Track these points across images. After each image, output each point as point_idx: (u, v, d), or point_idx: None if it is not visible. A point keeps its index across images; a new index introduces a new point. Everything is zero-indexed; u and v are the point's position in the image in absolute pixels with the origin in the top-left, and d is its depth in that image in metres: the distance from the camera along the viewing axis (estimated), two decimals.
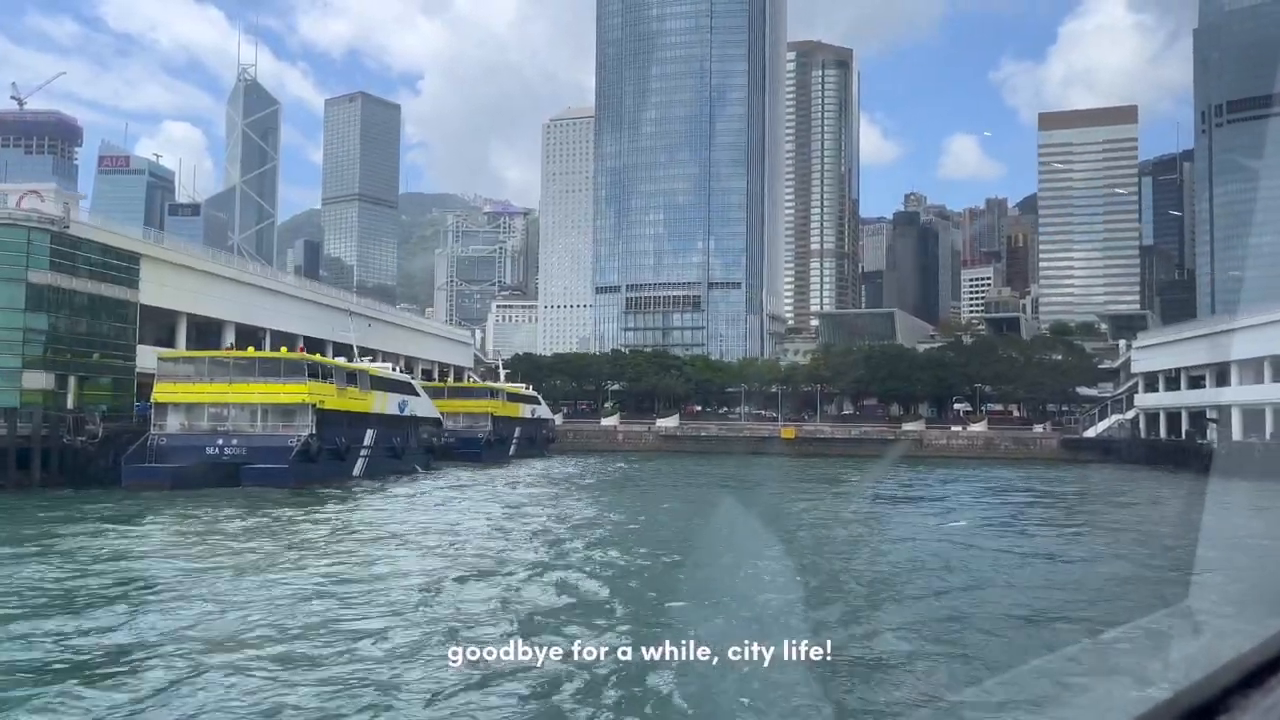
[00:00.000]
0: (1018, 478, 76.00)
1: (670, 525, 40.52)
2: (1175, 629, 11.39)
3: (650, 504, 50.67)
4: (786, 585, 23.54)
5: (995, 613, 21.00)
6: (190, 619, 19.63)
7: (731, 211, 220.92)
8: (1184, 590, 22.91)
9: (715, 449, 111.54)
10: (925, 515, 45.55)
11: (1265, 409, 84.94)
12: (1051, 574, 28.21)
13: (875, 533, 38.96)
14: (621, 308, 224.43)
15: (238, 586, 23.61)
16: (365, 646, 17.35)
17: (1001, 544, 34.52)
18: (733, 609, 19.69)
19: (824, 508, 49.22)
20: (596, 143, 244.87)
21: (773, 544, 30.12)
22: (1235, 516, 48.41)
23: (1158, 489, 70.98)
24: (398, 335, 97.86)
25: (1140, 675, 4.94)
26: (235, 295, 71.50)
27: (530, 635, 17.88)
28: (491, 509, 44.55)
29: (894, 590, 24.58)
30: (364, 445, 61.92)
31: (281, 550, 30.39)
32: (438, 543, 32.89)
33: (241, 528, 35.90)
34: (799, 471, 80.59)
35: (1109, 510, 53.43)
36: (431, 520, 40.05)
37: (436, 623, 19.47)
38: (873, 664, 16.54)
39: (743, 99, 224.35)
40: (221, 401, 54.88)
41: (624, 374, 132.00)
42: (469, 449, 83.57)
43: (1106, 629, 15.12)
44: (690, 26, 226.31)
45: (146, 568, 27.08)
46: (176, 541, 32.94)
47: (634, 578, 25.83)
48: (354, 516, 41.12)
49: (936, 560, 29.18)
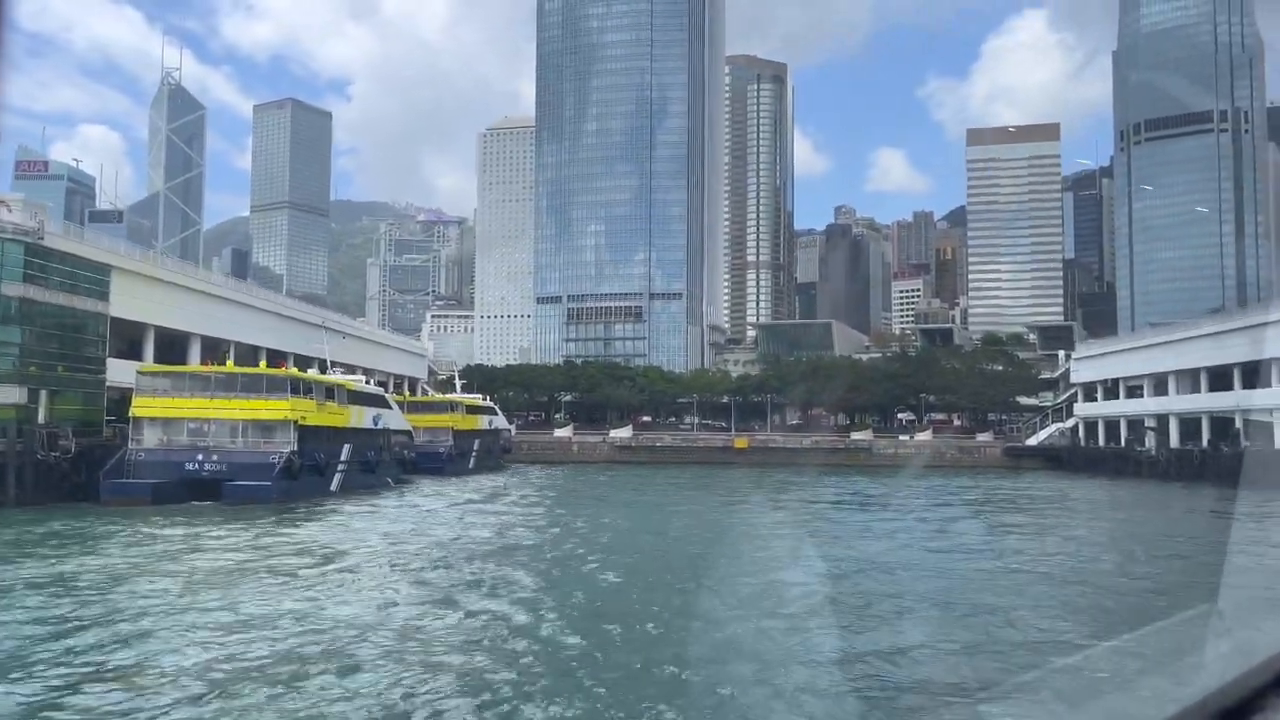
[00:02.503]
0: (975, 485, 78.54)
1: (687, 546, 39.50)
2: (1207, 629, 11.82)
3: (647, 521, 50.88)
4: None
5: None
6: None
7: (672, 223, 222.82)
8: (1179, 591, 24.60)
9: (670, 459, 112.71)
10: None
11: (1202, 417, 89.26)
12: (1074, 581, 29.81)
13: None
14: (563, 318, 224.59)
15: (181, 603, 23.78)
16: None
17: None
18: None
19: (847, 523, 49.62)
20: (537, 152, 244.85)
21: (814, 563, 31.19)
22: (1188, 522, 51.16)
23: (1096, 492, 74.25)
24: (355, 347, 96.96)
25: (1172, 675, 5.03)
26: (202, 307, 70.33)
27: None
28: (473, 528, 43.25)
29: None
30: (341, 460, 61.53)
31: (240, 573, 29.01)
32: (398, 572, 29.91)
33: (219, 544, 35.38)
34: (760, 480, 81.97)
35: (1091, 516, 55.84)
36: (396, 542, 38.11)
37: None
38: (902, 661, 17.54)
39: (683, 111, 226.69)
40: (202, 417, 54.12)
41: (577, 385, 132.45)
42: (432, 462, 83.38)
43: (1138, 628, 15.37)
44: (630, 39, 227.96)
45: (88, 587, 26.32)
46: (135, 564, 30.87)
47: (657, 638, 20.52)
48: (327, 537, 39.71)
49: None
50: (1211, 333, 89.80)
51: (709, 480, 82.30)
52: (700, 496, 65.58)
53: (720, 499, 63.15)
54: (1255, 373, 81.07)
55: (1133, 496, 71.64)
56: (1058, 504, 63.38)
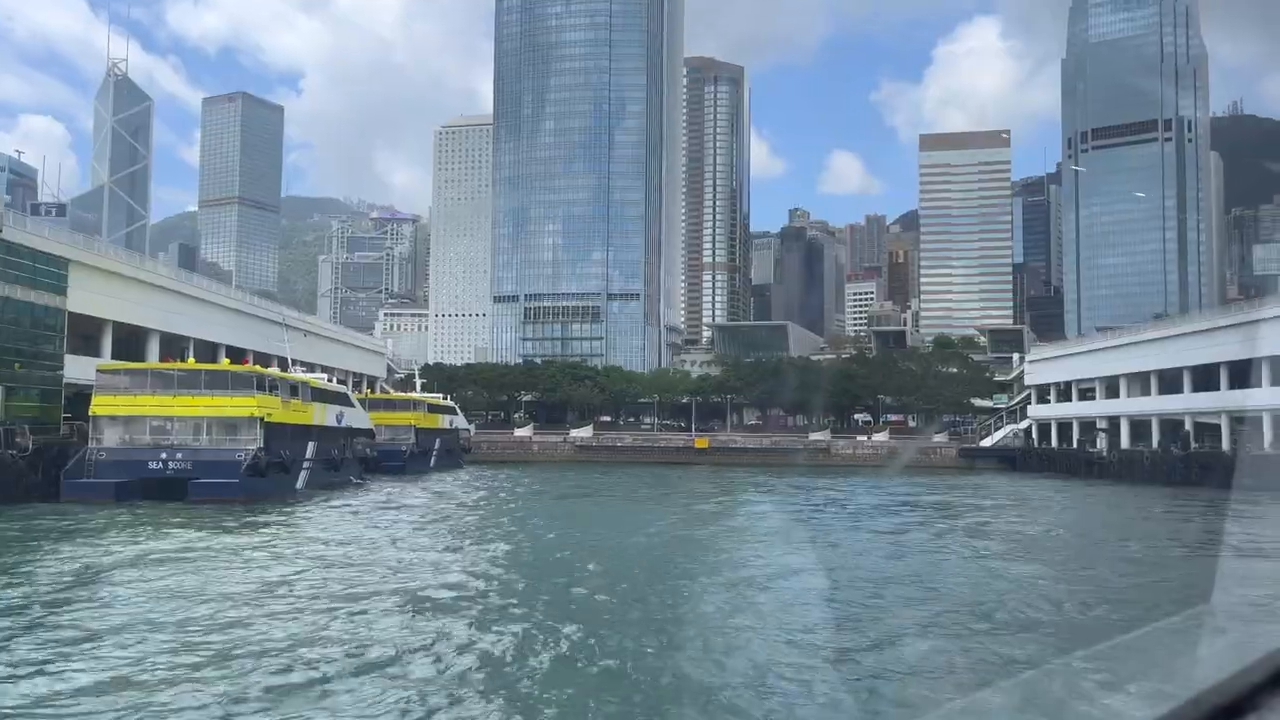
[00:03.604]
0: (941, 486, 79.68)
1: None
2: (1203, 627, 12.08)
3: (624, 530, 50.43)
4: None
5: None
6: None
7: (629, 223, 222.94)
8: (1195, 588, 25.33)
9: (632, 459, 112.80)
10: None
11: (1152, 419, 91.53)
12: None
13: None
14: (520, 317, 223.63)
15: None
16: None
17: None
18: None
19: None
20: (494, 151, 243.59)
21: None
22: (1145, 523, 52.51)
23: (1052, 494, 75.73)
24: (314, 345, 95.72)
25: (1168, 673, 4.70)
26: (162, 303, 69.01)
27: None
28: (441, 534, 41.92)
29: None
30: (306, 458, 60.79)
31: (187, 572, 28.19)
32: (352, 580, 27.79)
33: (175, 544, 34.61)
34: (723, 481, 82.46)
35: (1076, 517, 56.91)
36: (358, 547, 36.46)
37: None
38: (890, 659, 17.75)
39: (641, 112, 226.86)
40: (165, 414, 53.13)
41: (537, 385, 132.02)
42: (393, 461, 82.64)
43: (1133, 628, 15.96)
44: (589, 39, 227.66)
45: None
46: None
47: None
48: (291, 535, 39.22)
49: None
50: (1161, 337, 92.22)
51: (674, 482, 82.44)
52: (673, 501, 65.13)
53: (699, 505, 61.43)
54: (1207, 376, 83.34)
55: (1084, 496, 73.06)
56: (1020, 504, 64.49)
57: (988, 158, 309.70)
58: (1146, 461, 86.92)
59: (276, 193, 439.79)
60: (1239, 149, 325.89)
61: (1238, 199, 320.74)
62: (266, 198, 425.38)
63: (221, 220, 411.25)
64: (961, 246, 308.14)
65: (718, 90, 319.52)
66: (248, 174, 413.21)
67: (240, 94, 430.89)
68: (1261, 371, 74.82)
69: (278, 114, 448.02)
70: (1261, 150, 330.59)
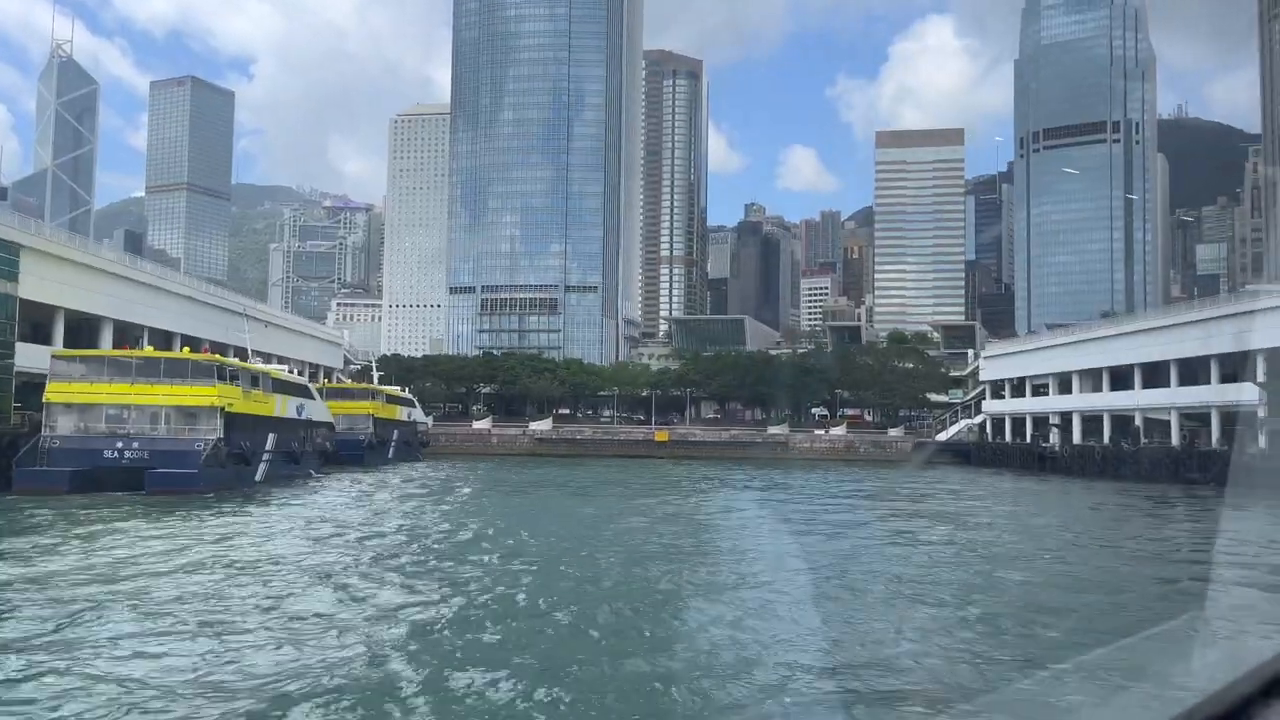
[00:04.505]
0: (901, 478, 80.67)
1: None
2: (1196, 636, 11.46)
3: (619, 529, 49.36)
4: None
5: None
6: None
7: (588, 215, 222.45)
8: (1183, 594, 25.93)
9: (591, 452, 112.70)
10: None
11: (1103, 415, 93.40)
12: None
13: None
14: (477, 309, 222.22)
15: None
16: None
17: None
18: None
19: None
20: (451, 141, 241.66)
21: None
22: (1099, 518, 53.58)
23: (1004, 485, 77.05)
24: (271, 334, 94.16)
25: (1160, 683, 5.08)
26: (116, 290, 67.35)
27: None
28: (406, 522, 41.76)
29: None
30: (266, 450, 59.85)
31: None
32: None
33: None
34: (686, 474, 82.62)
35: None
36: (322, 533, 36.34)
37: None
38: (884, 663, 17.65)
39: (600, 104, 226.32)
40: (122, 403, 51.96)
41: (496, 377, 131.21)
42: (351, 451, 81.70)
43: (1125, 636, 15.39)
44: (548, 29, 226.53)
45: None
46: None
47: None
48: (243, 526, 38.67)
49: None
50: (1113, 335, 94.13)
51: (639, 475, 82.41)
52: (646, 499, 64.80)
53: (679, 509, 58.09)
54: (1156, 372, 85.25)
55: (1036, 490, 74.24)
56: (974, 498, 65.37)
57: (942, 155, 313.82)
58: (1098, 456, 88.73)
59: (227, 179, 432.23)
60: (1183, 151, 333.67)
61: (1182, 200, 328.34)
62: (216, 184, 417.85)
63: (169, 206, 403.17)
64: (916, 243, 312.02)
65: (676, 83, 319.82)
66: (197, 160, 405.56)
67: (189, 78, 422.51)
68: (1211, 370, 76.72)
69: (228, 99, 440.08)
70: (1205, 153, 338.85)
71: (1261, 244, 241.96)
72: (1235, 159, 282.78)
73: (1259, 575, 26.42)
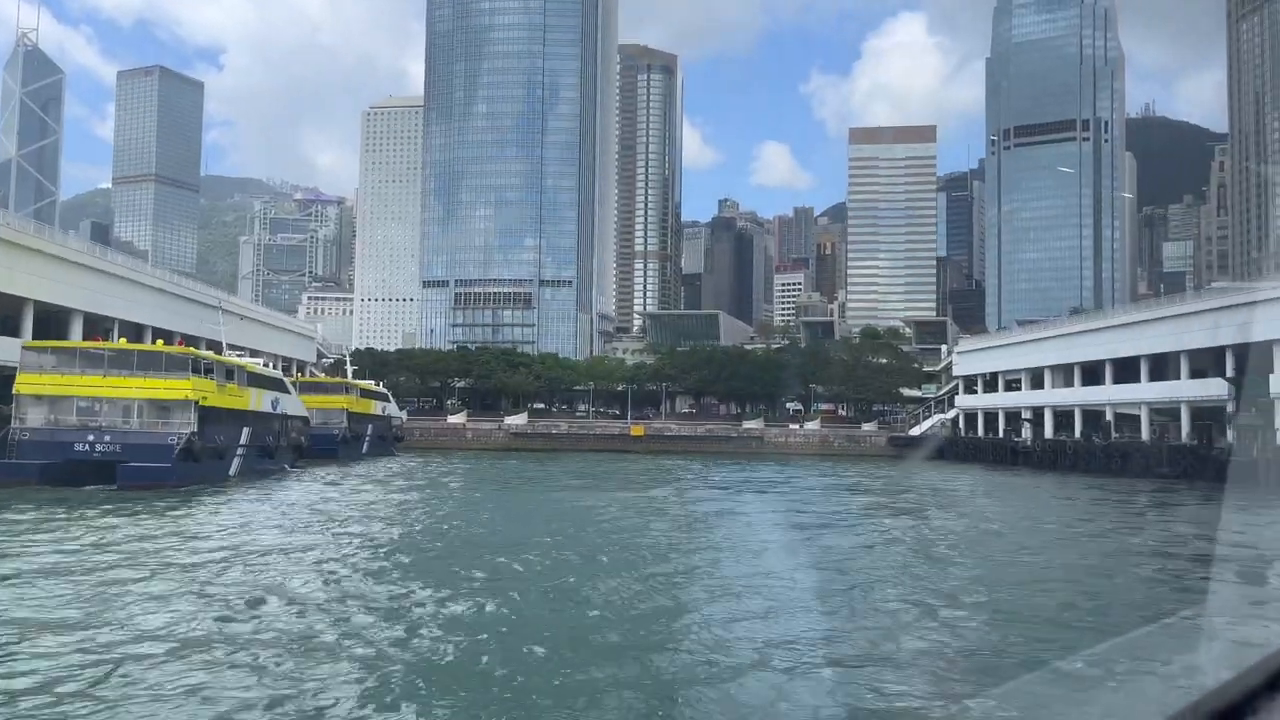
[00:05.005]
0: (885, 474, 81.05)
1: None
2: (1201, 631, 11.92)
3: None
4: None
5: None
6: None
7: (562, 210, 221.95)
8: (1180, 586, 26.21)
9: (567, 446, 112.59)
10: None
11: (1075, 410, 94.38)
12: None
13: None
14: (450, 303, 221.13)
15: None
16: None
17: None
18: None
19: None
20: (424, 134, 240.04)
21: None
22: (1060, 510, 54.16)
23: (977, 482, 77.60)
24: (244, 328, 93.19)
25: (1165, 677, 5.08)
26: (86, 282, 66.34)
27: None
28: (377, 528, 38.72)
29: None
30: (240, 444, 59.18)
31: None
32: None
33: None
34: (663, 469, 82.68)
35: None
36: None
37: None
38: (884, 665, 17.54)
39: (574, 98, 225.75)
40: (94, 395, 51.19)
41: (471, 371, 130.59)
42: (325, 446, 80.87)
43: (1131, 630, 15.27)
44: (522, 23, 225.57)
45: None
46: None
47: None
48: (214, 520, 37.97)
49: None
50: (1085, 330, 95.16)
51: (615, 470, 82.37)
52: (624, 491, 64.79)
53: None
54: (1126, 367, 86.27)
55: (1006, 484, 74.71)
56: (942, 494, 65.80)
57: (915, 152, 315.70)
58: (1069, 451, 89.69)
59: (196, 171, 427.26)
60: (1151, 150, 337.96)
61: (1149, 198, 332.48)
62: (185, 176, 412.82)
63: (137, 198, 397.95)
64: (888, 239, 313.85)
65: (651, 78, 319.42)
66: (165, 151, 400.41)
67: (157, 68, 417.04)
68: (1181, 365, 77.77)
69: (197, 90, 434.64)
70: (1171, 151, 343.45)
71: (1227, 242, 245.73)
72: (1202, 158, 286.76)
73: (1244, 570, 26.69)
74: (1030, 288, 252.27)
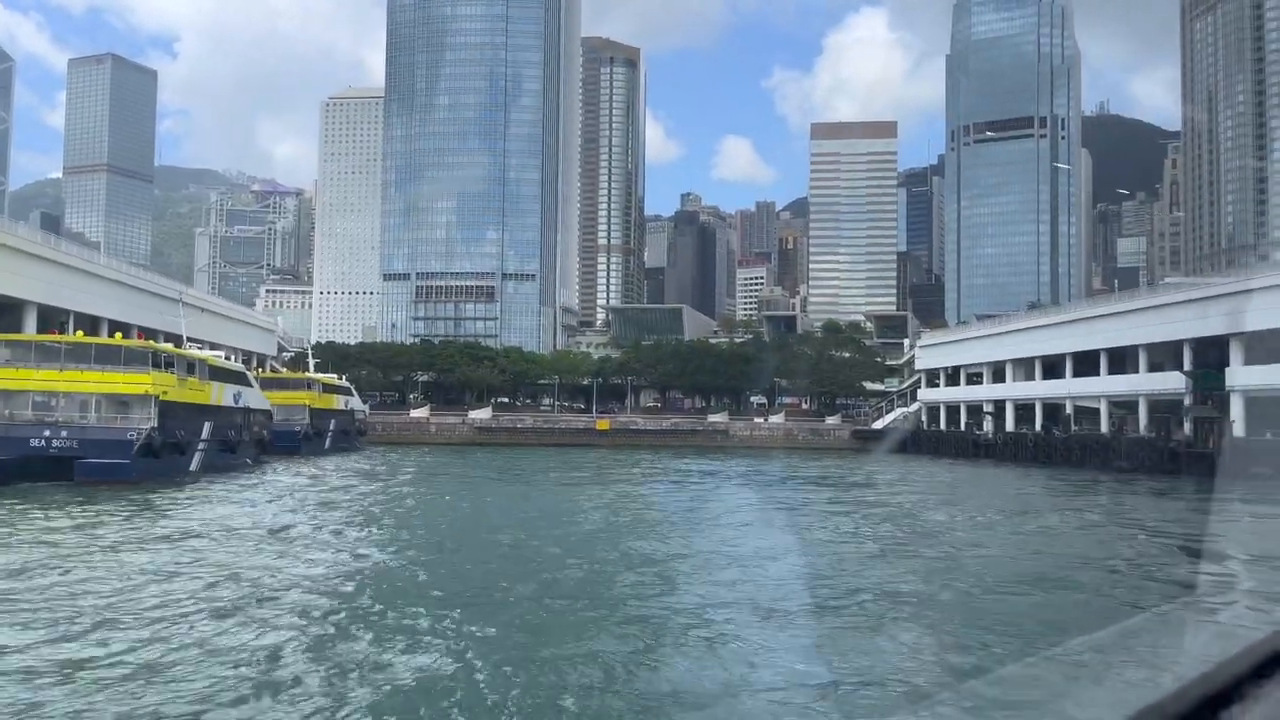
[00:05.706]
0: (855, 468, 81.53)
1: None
2: (1189, 618, 11.57)
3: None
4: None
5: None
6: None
7: (525, 203, 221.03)
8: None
9: (532, 441, 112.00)
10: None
11: (1035, 403, 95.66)
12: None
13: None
14: (411, 296, 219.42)
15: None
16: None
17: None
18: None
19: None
20: (385, 125, 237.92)
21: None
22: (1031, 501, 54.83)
23: (941, 473, 78.41)
24: (203, 321, 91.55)
25: (1153, 664, 5.13)
26: (40, 273, 64.72)
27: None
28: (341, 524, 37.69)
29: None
30: (202, 439, 58.12)
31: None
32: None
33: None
34: (629, 463, 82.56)
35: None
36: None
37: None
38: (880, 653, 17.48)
39: (537, 91, 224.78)
40: (50, 390, 49.94)
41: (435, 365, 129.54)
42: (287, 441, 79.95)
43: (1120, 619, 15.44)
44: (485, 14, 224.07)
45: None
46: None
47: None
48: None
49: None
50: (1045, 325, 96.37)
51: (581, 464, 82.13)
52: (594, 486, 64.71)
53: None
54: (1085, 360, 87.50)
55: (970, 475, 75.51)
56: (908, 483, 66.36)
57: (876, 148, 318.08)
58: (1030, 443, 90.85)
59: (149, 161, 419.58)
60: (1105, 147, 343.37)
61: (1104, 195, 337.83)
62: (138, 166, 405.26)
63: (88, 188, 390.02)
64: (850, 234, 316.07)
65: (614, 72, 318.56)
66: (117, 140, 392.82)
67: (109, 55, 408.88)
68: (1140, 358, 79.04)
69: (150, 78, 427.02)
70: (1125, 148, 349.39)
71: (1179, 238, 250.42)
72: (1155, 155, 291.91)
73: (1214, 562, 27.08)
74: (988, 282, 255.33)
